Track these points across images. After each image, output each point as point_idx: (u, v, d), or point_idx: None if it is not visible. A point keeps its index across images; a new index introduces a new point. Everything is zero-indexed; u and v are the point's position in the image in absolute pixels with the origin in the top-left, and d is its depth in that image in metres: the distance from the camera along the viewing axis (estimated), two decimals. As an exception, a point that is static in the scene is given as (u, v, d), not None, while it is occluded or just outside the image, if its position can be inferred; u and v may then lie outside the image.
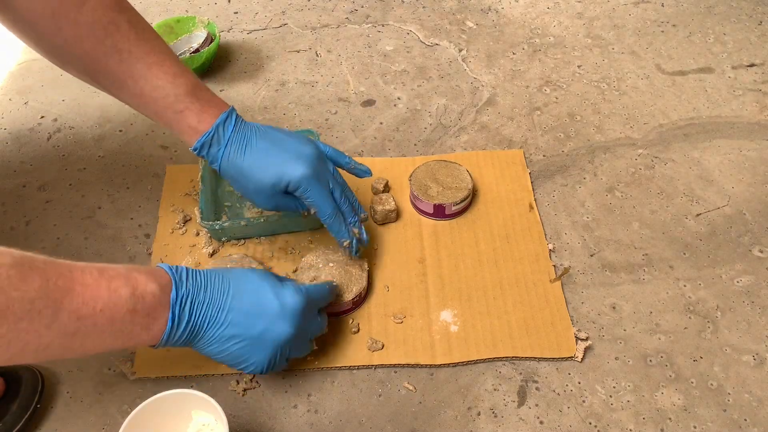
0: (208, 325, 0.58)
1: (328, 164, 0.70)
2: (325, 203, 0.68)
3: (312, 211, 0.69)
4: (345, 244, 0.71)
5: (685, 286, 0.78)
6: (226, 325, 0.58)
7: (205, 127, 0.66)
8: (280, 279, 0.65)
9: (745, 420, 0.67)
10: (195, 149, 0.67)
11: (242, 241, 0.82)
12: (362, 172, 0.75)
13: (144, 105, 0.67)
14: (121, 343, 0.53)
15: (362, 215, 0.74)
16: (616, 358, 0.72)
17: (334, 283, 0.72)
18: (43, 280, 0.47)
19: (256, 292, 0.61)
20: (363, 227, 0.73)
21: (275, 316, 0.60)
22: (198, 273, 0.59)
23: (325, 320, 0.68)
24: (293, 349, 0.63)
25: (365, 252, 0.80)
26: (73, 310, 0.48)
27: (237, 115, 0.69)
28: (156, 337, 0.55)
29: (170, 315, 0.55)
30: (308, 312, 0.63)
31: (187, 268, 0.59)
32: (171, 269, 0.57)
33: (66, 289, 0.48)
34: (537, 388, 0.70)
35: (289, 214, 0.80)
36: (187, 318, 0.56)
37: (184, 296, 0.56)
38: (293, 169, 0.66)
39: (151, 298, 0.54)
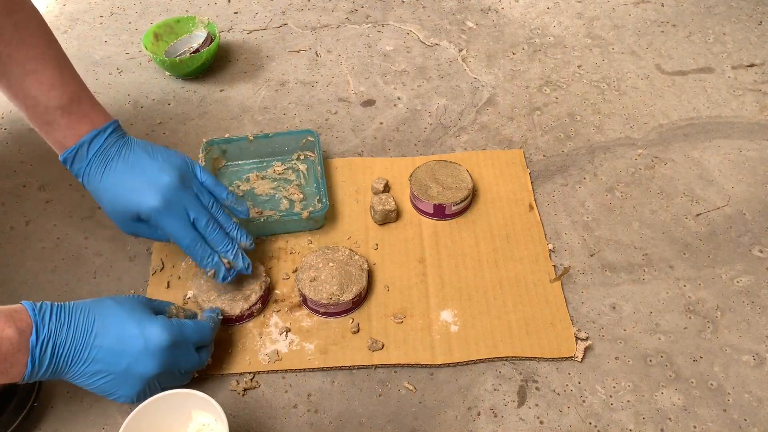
0: (71, 363, 0.57)
1: (193, 192, 0.68)
2: (180, 234, 0.66)
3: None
4: (209, 273, 0.69)
5: (685, 286, 0.78)
6: (90, 361, 0.57)
7: (70, 142, 0.66)
8: (156, 311, 0.63)
9: (745, 420, 0.67)
10: (64, 162, 0.68)
11: (242, 241, 0.82)
12: (237, 212, 0.73)
13: (20, 109, 0.67)
14: None
15: (245, 243, 0.71)
16: (616, 358, 0.72)
17: (219, 317, 0.69)
18: None
19: (121, 329, 0.59)
20: (242, 254, 0.70)
21: (139, 353, 0.59)
22: (62, 310, 0.57)
23: (207, 355, 0.67)
24: (164, 382, 0.62)
25: (365, 252, 0.80)
26: None
27: (114, 130, 0.68)
28: (16, 377, 0.54)
29: (29, 359, 0.54)
30: (178, 349, 0.62)
31: (51, 304, 0.57)
32: (33, 309, 0.55)
33: None
34: (537, 388, 0.70)
35: (287, 215, 0.80)
36: (48, 360, 0.55)
37: (45, 339, 0.55)
38: (144, 199, 0.65)
39: (8, 345, 0.52)
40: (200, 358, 0.66)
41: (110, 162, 0.67)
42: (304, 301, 0.75)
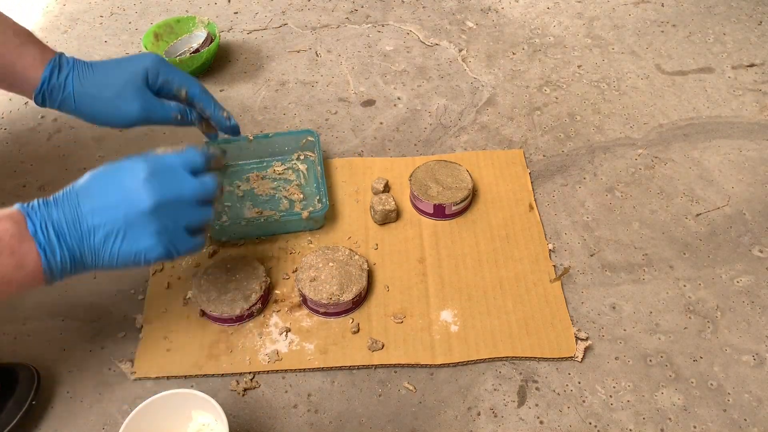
0: (80, 240, 0.55)
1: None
2: (191, 81, 0.72)
3: (183, 93, 0.71)
4: (225, 114, 0.75)
5: (685, 286, 0.78)
6: (92, 230, 0.55)
7: (50, 55, 0.68)
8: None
9: (745, 420, 0.67)
10: (44, 81, 0.66)
11: (242, 241, 0.82)
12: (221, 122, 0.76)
13: None
14: (2, 287, 0.52)
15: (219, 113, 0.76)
16: (616, 358, 0.72)
17: (219, 153, 0.65)
18: None
19: (101, 185, 0.56)
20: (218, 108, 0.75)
21: (127, 194, 0.56)
22: (47, 199, 0.56)
23: (214, 179, 0.61)
24: (180, 216, 0.58)
25: (365, 252, 0.80)
26: None
27: None
28: (37, 272, 0.54)
29: (37, 245, 0.53)
30: (166, 176, 0.57)
31: (37, 199, 0.55)
32: (22, 205, 0.55)
33: None
34: (537, 388, 0.70)
35: (287, 215, 0.80)
36: (57, 244, 0.54)
37: (42, 222, 0.54)
38: (144, 58, 0.69)
39: (9, 237, 0.52)
40: (205, 182, 0.60)
41: (92, 62, 0.69)
42: (304, 301, 0.75)
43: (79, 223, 0.55)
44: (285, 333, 0.73)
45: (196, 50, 1.02)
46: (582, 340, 0.72)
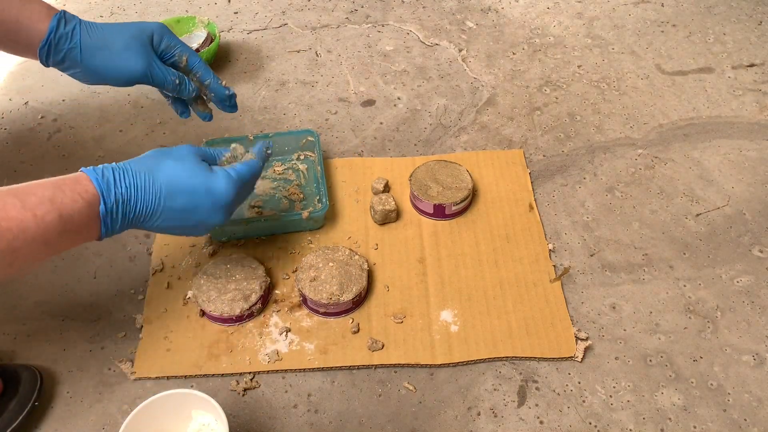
0: (143, 221, 0.61)
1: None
2: (191, 51, 0.73)
3: (184, 60, 0.72)
4: (223, 83, 0.75)
5: (685, 286, 0.78)
6: (161, 218, 0.61)
7: (55, 10, 0.68)
8: (209, 160, 0.66)
9: (745, 420, 0.67)
10: (51, 32, 0.67)
11: (242, 241, 0.82)
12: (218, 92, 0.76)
13: None
14: (59, 251, 0.56)
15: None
16: (616, 358, 0.72)
17: (269, 149, 0.72)
18: None
19: (189, 191, 0.61)
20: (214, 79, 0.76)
21: (208, 210, 0.63)
22: (125, 176, 0.59)
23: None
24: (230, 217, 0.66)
25: (365, 252, 0.80)
26: (4, 246, 0.51)
27: None
28: (93, 238, 0.59)
29: (102, 225, 0.58)
30: (241, 194, 0.66)
31: (113, 170, 0.59)
32: (96, 178, 0.57)
33: None
34: (537, 388, 0.70)
35: (287, 215, 0.80)
36: (120, 221, 0.59)
37: (113, 207, 0.58)
38: (150, 23, 0.71)
39: (80, 217, 0.55)
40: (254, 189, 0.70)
41: (98, 23, 0.70)
42: (304, 301, 0.75)
43: (152, 213, 0.60)
44: (285, 333, 0.73)
45: (196, 50, 1.02)
46: (582, 340, 0.72)
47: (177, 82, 0.72)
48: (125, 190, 0.58)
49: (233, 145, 0.69)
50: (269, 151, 0.72)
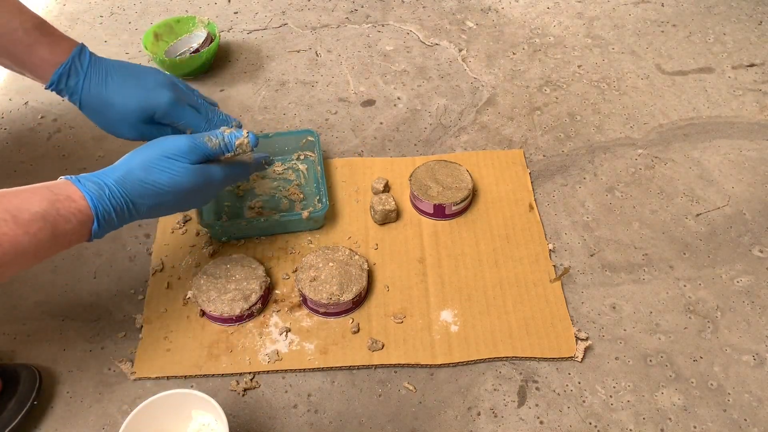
0: (131, 220, 0.62)
1: (183, 86, 0.73)
2: (196, 120, 0.70)
3: (189, 131, 0.70)
4: (238, 142, 0.69)
5: (685, 286, 0.78)
6: (145, 209, 0.62)
7: (61, 58, 0.66)
8: (208, 154, 0.65)
9: (745, 420, 0.67)
10: (52, 83, 0.67)
11: (242, 241, 0.82)
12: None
13: None
14: (47, 258, 0.57)
15: (235, 123, 0.75)
16: (616, 358, 0.72)
17: (269, 159, 0.73)
18: None
19: (180, 199, 0.64)
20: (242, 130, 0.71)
21: (198, 202, 0.67)
22: (120, 197, 0.60)
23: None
24: (220, 182, 0.67)
25: (365, 252, 0.80)
26: None
27: (89, 50, 0.69)
28: (81, 242, 0.59)
29: (92, 236, 0.59)
30: (228, 181, 0.68)
31: (110, 193, 0.59)
32: (93, 201, 0.57)
33: None
34: (537, 388, 0.70)
35: (287, 215, 0.80)
36: (107, 230, 0.60)
37: (105, 225, 0.59)
38: (159, 95, 0.67)
39: (72, 233, 0.57)
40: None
41: (109, 71, 0.68)
42: (304, 301, 0.75)
43: (138, 217, 0.62)
44: (285, 333, 0.73)
45: (196, 50, 1.02)
46: (582, 340, 0.72)
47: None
48: (119, 211, 0.59)
49: (238, 142, 0.67)
50: (266, 166, 0.73)
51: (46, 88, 0.68)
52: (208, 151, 0.65)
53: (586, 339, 0.73)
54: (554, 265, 0.80)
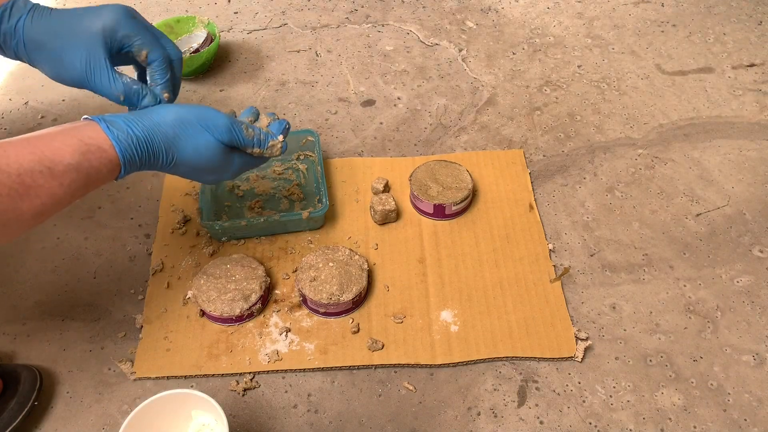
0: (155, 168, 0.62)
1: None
2: (154, 43, 0.64)
3: (143, 56, 0.63)
4: (274, 143, 0.67)
5: (685, 286, 0.78)
6: (165, 164, 0.62)
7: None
8: (238, 145, 0.64)
9: (745, 420, 0.67)
10: None
11: (242, 241, 0.82)
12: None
13: None
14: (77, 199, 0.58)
15: (272, 116, 0.71)
16: (616, 358, 0.72)
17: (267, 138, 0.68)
18: None
19: (203, 169, 0.63)
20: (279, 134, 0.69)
21: (220, 174, 0.66)
22: (148, 148, 0.59)
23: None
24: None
25: (365, 252, 0.80)
26: (36, 212, 0.53)
27: None
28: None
29: (116, 178, 0.60)
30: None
31: (137, 145, 0.58)
32: (122, 154, 0.57)
33: (21, 196, 0.51)
34: (537, 388, 0.70)
35: (287, 215, 0.80)
36: (130, 173, 0.60)
37: (129, 170, 0.59)
38: (107, 11, 0.61)
39: (101, 179, 0.57)
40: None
41: (54, 9, 0.63)
42: (304, 301, 0.75)
43: (157, 165, 0.61)
44: (285, 333, 0.73)
45: (196, 50, 1.02)
46: (582, 340, 0.72)
47: (121, 98, 0.63)
48: (143, 161, 0.59)
49: (271, 143, 0.66)
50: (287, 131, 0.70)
51: None
52: (242, 138, 0.63)
53: (586, 339, 0.73)
54: (554, 265, 0.80)
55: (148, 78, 0.66)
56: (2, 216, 0.51)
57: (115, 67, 0.63)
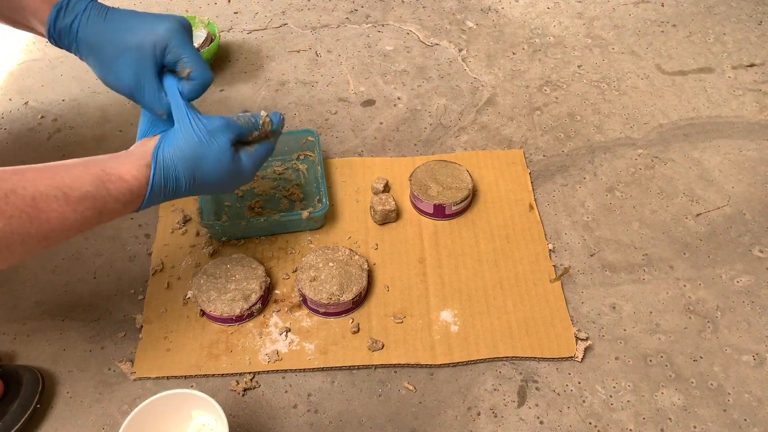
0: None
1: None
2: (198, 60, 0.63)
3: (186, 74, 0.63)
4: (263, 117, 0.66)
5: (685, 286, 0.78)
6: (188, 187, 0.61)
7: None
8: (241, 139, 0.64)
9: (745, 420, 0.67)
10: (50, 25, 0.61)
11: (242, 241, 0.82)
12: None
13: None
14: (91, 228, 0.57)
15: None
16: (616, 358, 0.72)
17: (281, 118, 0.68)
18: (5, 219, 0.50)
19: (218, 183, 0.62)
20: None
21: (230, 188, 0.65)
22: (168, 184, 0.59)
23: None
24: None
25: (365, 252, 0.80)
26: (42, 236, 0.52)
27: None
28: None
29: (137, 210, 0.59)
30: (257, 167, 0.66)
31: (165, 177, 0.59)
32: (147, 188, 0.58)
33: (31, 219, 0.51)
34: (537, 388, 0.70)
35: (287, 215, 0.80)
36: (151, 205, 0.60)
37: (152, 201, 0.59)
38: (158, 25, 0.61)
39: (116, 213, 0.57)
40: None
41: (110, 9, 0.62)
42: (304, 301, 0.75)
43: (180, 191, 0.61)
44: (285, 333, 0.73)
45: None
46: (582, 340, 0.72)
47: (165, 117, 0.64)
48: (165, 189, 0.59)
49: (262, 119, 0.65)
50: (282, 122, 0.68)
51: (50, 39, 0.63)
52: (240, 126, 0.62)
53: (586, 339, 0.73)
54: (554, 265, 0.80)
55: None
56: (8, 238, 0.50)
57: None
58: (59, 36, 0.62)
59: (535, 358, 0.71)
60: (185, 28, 0.63)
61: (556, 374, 0.71)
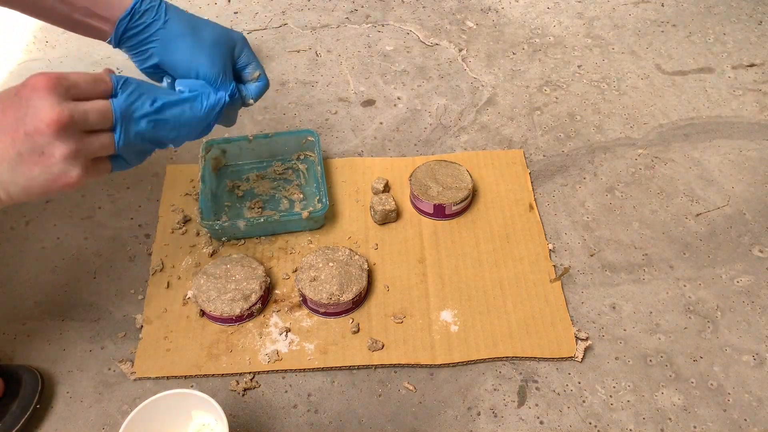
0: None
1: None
2: (263, 70, 0.69)
3: (251, 78, 0.68)
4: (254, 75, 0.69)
5: (685, 286, 0.78)
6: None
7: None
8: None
9: (745, 420, 0.67)
10: (126, 16, 0.62)
11: (242, 241, 0.82)
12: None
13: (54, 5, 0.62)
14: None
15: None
16: (616, 358, 0.72)
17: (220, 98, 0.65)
18: None
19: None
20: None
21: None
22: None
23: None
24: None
25: (365, 252, 0.81)
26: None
27: None
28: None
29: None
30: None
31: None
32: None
33: None
34: (537, 388, 0.70)
35: (287, 215, 0.80)
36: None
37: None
38: (233, 32, 0.67)
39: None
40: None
41: (177, 9, 0.65)
42: (304, 301, 0.75)
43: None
44: (285, 333, 0.73)
45: (196, 50, 1.02)
46: (582, 340, 0.72)
47: (236, 97, 0.67)
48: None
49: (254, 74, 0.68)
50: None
51: (118, 25, 0.62)
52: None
53: (586, 339, 0.73)
54: (554, 265, 0.80)
55: (243, 90, 0.69)
56: None
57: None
58: (142, 15, 0.63)
59: (535, 358, 0.71)
60: (247, 40, 0.69)
61: (556, 374, 0.71)
